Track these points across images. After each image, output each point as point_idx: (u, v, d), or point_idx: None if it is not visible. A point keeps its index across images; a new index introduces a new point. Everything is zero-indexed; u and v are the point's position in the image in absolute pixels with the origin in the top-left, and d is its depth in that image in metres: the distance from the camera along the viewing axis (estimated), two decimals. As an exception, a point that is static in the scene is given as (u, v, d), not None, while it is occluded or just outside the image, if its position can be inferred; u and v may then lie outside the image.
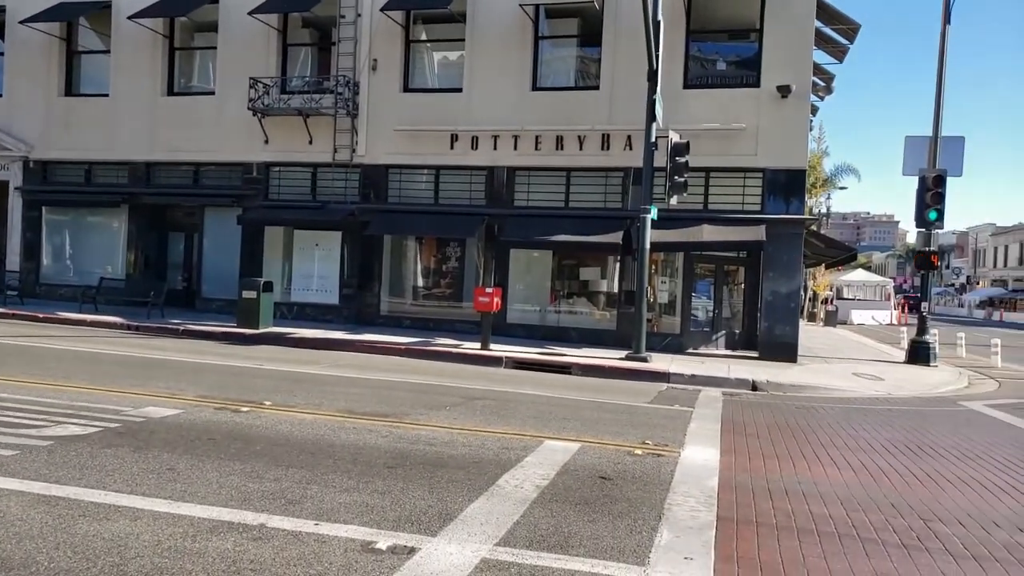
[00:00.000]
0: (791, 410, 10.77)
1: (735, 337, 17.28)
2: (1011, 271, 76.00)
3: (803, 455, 7.79)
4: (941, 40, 17.45)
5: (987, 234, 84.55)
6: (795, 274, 16.59)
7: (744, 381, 12.89)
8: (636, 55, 15.32)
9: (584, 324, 17.81)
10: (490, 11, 17.93)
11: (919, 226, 17.59)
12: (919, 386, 13.99)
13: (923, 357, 17.26)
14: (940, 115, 17.36)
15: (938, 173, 16.94)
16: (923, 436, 9.16)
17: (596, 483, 6.25)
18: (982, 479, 7.04)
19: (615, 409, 10.09)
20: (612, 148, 17.09)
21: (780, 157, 16.16)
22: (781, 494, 6.24)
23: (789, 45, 16.14)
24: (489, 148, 17.94)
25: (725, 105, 16.47)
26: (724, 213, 16.50)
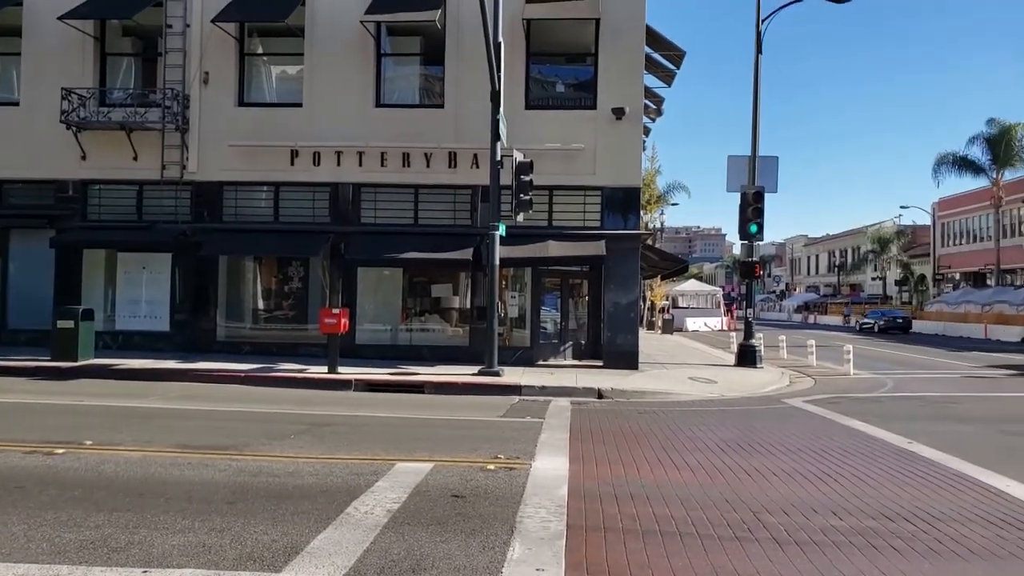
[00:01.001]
0: (634, 415, 11.25)
1: (581, 347, 17.87)
2: (822, 278, 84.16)
3: (646, 459, 8.14)
4: (755, 69, 19.09)
5: (801, 245, 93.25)
6: (634, 286, 17.43)
7: (591, 390, 13.32)
8: (479, 75, 15.56)
9: (437, 341, 17.74)
10: (330, 26, 17.58)
11: (742, 238, 19.07)
12: (748, 387, 15.07)
13: (750, 359, 18.64)
14: (757, 137, 18.96)
15: (757, 190, 18.44)
16: (752, 433, 9.85)
17: (449, 502, 6.19)
18: (802, 470, 7.66)
19: (468, 425, 10.09)
20: (459, 166, 17.22)
21: (617, 176, 16.96)
22: (627, 498, 6.47)
23: (622, 70, 17.01)
24: (333, 164, 17.51)
25: (565, 126, 17.08)
26: (568, 229, 17.06)
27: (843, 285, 75.59)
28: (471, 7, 15.20)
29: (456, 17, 17.22)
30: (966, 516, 6.05)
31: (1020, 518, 6.00)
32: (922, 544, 5.36)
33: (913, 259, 62.74)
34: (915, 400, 13.90)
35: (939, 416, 11.77)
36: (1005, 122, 43.10)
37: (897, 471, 7.66)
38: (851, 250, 75.85)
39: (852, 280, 74.65)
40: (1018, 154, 43.05)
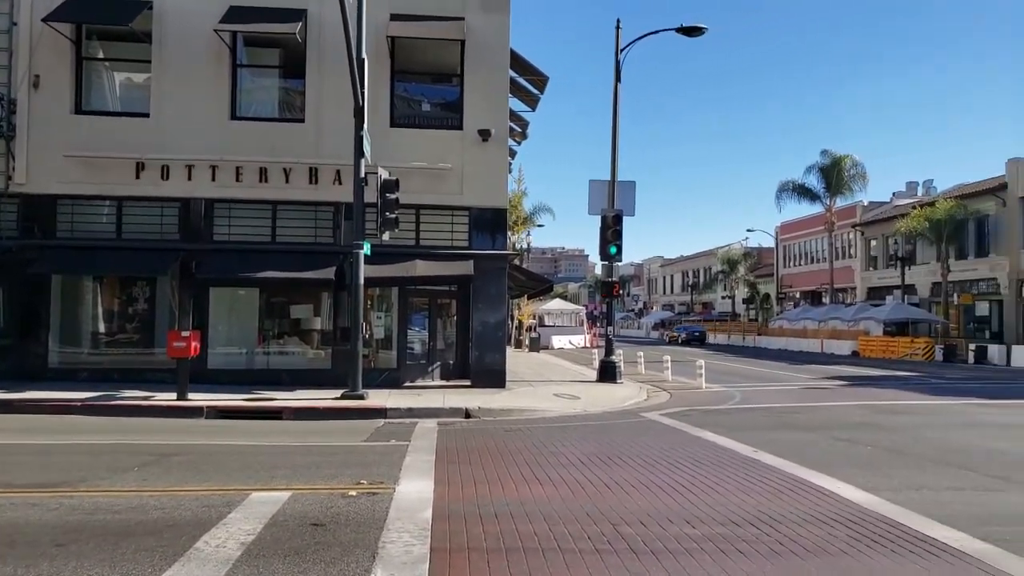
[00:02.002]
0: (501, 433, 11.31)
1: (450, 367, 17.81)
2: (676, 296, 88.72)
3: (511, 476, 8.18)
4: (614, 97, 19.94)
5: (658, 265, 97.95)
6: (501, 305, 17.62)
7: (458, 410, 13.28)
8: (342, 90, 15.27)
9: (297, 365, 17.10)
10: (181, 33, 16.70)
11: (603, 259, 19.78)
12: (609, 401, 15.56)
13: (611, 375, 19.29)
14: (616, 162, 19.77)
15: (616, 213, 19.20)
16: (612, 447, 10.15)
17: (308, 531, 5.94)
18: (658, 481, 7.96)
19: (330, 451, 9.76)
20: (321, 182, 16.79)
21: (484, 196, 17.13)
22: (491, 517, 6.46)
23: (488, 92, 17.26)
24: (183, 178, 16.58)
25: (432, 145, 17.09)
26: (435, 249, 17.01)
27: (696, 303, 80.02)
28: (333, 21, 14.94)
29: (318, 30, 16.86)
30: (803, 517, 6.49)
31: (849, 517, 6.51)
32: (765, 546, 5.69)
33: (759, 279, 67.40)
34: (760, 411, 14.85)
35: (781, 425, 12.63)
36: (836, 153, 47.38)
37: (744, 479, 8.12)
38: (703, 270, 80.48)
39: (704, 299, 79.18)
40: (848, 183, 47.35)
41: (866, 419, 13.41)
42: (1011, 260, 38.49)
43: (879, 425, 12.56)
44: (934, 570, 5.16)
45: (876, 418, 13.57)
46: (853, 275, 52.73)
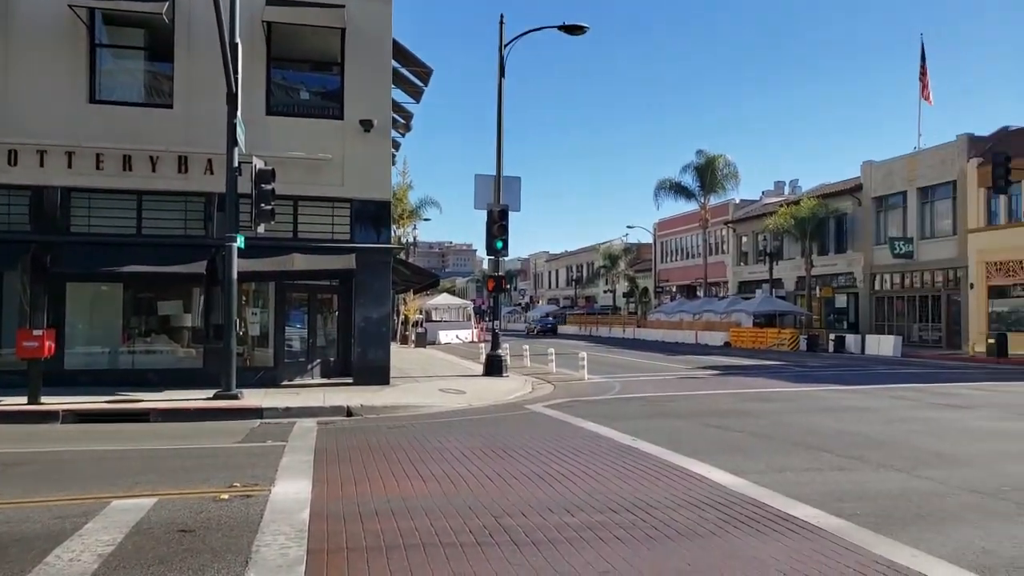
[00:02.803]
0: (384, 431, 11.12)
1: (331, 365, 17.34)
2: (561, 291, 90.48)
3: (393, 473, 8.05)
4: (499, 92, 20.01)
5: (543, 260, 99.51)
6: (385, 300, 17.32)
7: (339, 408, 12.95)
8: (214, 75, 14.50)
9: (166, 364, 16.15)
10: (31, 7, 15.36)
11: (489, 254, 19.84)
12: (494, 395, 15.63)
13: (497, 369, 19.40)
14: (501, 157, 19.85)
15: (502, 208, 19.30)
16: (496, 440, 10.19)
17: (175, 538, 5.62)
18: (540, 472, 8.05)
19: (200, 454, 9.28)
20: (191, 171, 15.90)
21: (366, 188, 16.77)
22: (372, 516, 6.33)
23: (370, 82, 16.88)
24: (34, 164, 15.27)
25: (311, 134, 16.54)
26: (315, 242, 16.49)
27: (580, 298, 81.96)
28: (204, 1, 14.16)
29: (187, 11, 15.93)
30: (677, 502, 6.73)
31: (719, 500, 6.81)
32: (641, 532, 5.86)
33: (638, 273, 69.77)
34: (639, 400, 15.35)
35: (658, 414, 13.09)
36: (710, 153, 49.71)
37: (622, 466, 8.35)
38: (586, 265, 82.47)
39: (587, 293, 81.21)
40: (721, 182, 49.79)
41: (736, 406, 14.12)
42: (866, 256, 41.67)
43: (748, 412, 13.25)
44: (793, 546, 5.47)
45: (745, 405, 14.32)
46: (726, 270, 55.52)
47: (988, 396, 16.04)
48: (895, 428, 11.20)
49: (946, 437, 10.36)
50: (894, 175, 40.18)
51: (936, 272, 37.47)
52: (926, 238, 38.08)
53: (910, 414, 12.95)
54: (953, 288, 36.40)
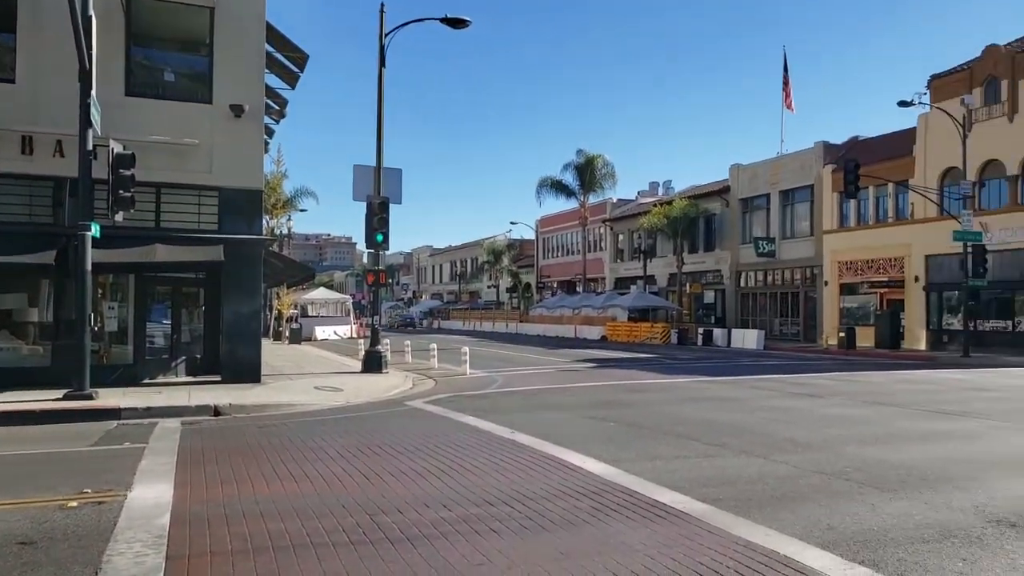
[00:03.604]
0: (254, 431, 10.66)
1: (197, 362, 16.46)
2: (445, 286, 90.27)
3: (263, 474, 7.72)
4: (379, 82, 19.62)
5: (427, 254, 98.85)
6: (256, 294, 16.62)
7: (206, 407, 12.31)
8: (64, 50, 13.34)
9: (8, 363, 14.79)
10: None
11: (369, 247, 19.45)
12: (373, 392, 15.35)
13: (376, 365, 19.06)
14: (381, 147, 19.48)
15: (382, 200, 18.95)
16: (374, 437, 9.99)
17: (13, 552, 5.15)
18: (418, 468, 7.96)
19: (47, 459, 8.57)
20: (38, 153, 14.62)
21: (236, 176, 16.00)
22: (239, 518, 6.04)
23: (241, 65, 16.12)
24: None
25: (176, 118, 15.60)
26: (180, 232, 15.58)
27: (464, 293, 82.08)
28: (55, -30, 13.05)
29: (34, -21, 14.64)
30: (553, 493, 6.83)
31: (593, 489, 6.97)
32: (516, 523, 5.90)
33: (521, 269, 70.67)
34: (519, 394, 15.51)
35: (537, 406, 13.28)
36: (590, 153, 51.02)
37: (500, 459, 8.39)
38: (470, 260, 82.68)
39: (472, 288, 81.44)
40: (599, 181, 51.21)
41: (611, 397, 14.55)
42: (732, 254, 44.03)
43: (622, 402, 13.68)
44: (661, 531, 5.68)
45: (620, 396, 14.78)
46: (603, 266, 57.18)
47: (838, 385, 17.32)
48: (756, 416, 11.88)
49: (800, 424, 11.08)
50: (758, 178, 42.69)
51: (795, 270, 40.14)
52: (787, 238, 40.71)
53: (769, 403, 13.78)
54: (810, 285, 39.11)
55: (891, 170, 32.86)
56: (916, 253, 32.81)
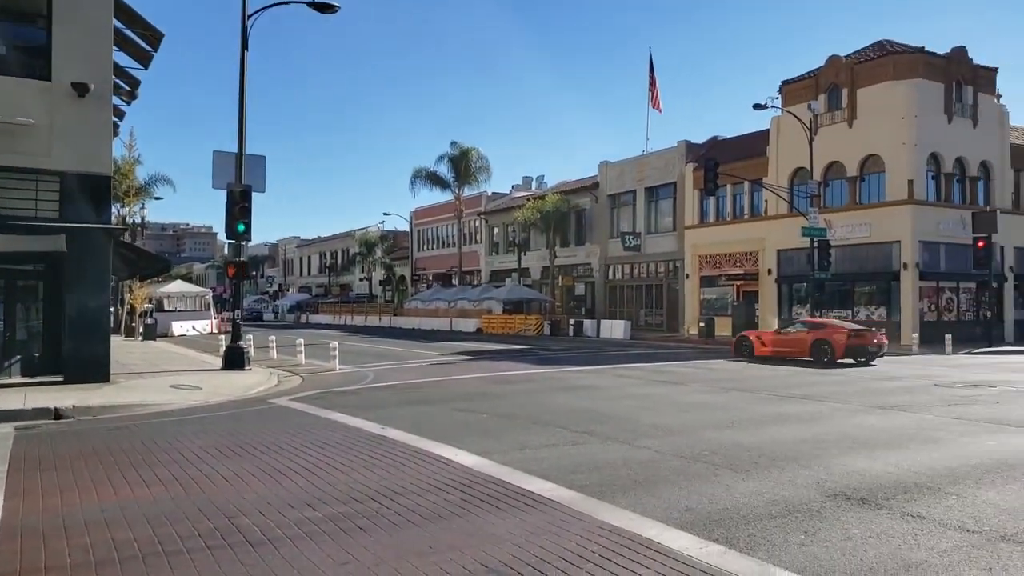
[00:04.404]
0: (102, 434, 9.89)
1: (36, 361, 15.06)
2: (314, 278, 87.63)
3: (111, 480, 7.17)
4: (241, 65, 18.67)
5: (294, 246, 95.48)
6: (104, 287, 15.42)
7: (45, 410, 11.29)
8: None
9: None
10: None
11: (230, 237, 18.49)
12: (235, 390, 14.64)
13: (238, 362, 18.17)
14: (244, 133, 18.56)
15: (244, 188, 18.05)
16: (235, 437, 9.52)
17: None
18: (282, 467, 7.66)
19: None
20: None
21: (81, 160, 14.75)
22: (80, 529, 5.57)
23: (85, 41, 14.84)
24: None
25: (9, 95, 14.16)
26: (14, 219, 14.16)
27: (334, 285, 79.98)
28: None
29: None
30: (423, 487, 6.76)
31: (463, 481, 6.95)
32: (385, 519, 5.79)
33: (395, 261, 69.69)
34: (391, 388, 15.29)
35: (409, 401, 13.13)
36: (465, 145, 50.95)
37: (370, 455, 8.22)
38: (341, 252, 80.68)
39: (343, 280, 79.51)
40: (474, 173, 51.26)
41: (483, 389, 14.62)
42: (601, 248, 45.41)
43: (494, 394, 13.78)
44: (529, 520, 5.74)
45: (492, 388, 14.88)
46: (479, 259, 57.44)
47: (697, 373, 18.25)
48: (621, 404, 12.30)
49: (662, 410, 11.58)
50: (626, 175, 44.26)
51: (660, 263, 41.95)
52: (652, 233, 42.47)
53: (634, 391, 14.31)
54: (673, 278, 41.01)
55: (747, 169, 34.96)
56: (769, 247, 35.11)
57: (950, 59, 31.65)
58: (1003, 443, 8.77)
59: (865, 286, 32.24)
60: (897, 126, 30.26)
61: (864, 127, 31.41)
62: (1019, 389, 14.51)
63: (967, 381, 16.00)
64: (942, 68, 31.31)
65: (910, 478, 7.01)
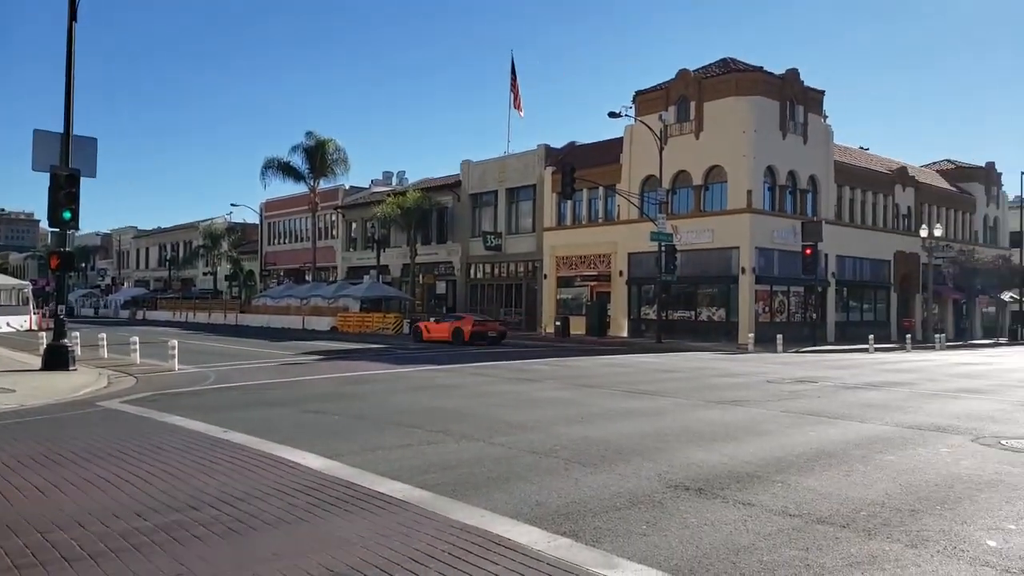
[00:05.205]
0: None
1: None
2: (153, 272, 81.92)
3: None
4: (69, 39, 17.05)
5: (130, 236, 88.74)
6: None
7: None
8: None
9: None
10: None
11: (53, 226, 16.84)
12: (56, 392, 13.35)
13: (61, 362, 16.57)
14: (71, 112, 16.94)
15: (71, 172, 16.49)
16: (55, 444, 8.65)
17: None
18: (110, 475, 7.04)
19: None
20: None
21: None
22: None
23: None
24: None
25: None
26: None
27: (175, 280, 75.11)
28: None
29: None
30: (267, 492, 6.43)
31: (310, 485, 6.68)
32: (223, 527, 5.45)
33: (243, 255, 66.45)
34: (236, 390, 14.51)
35: (255, 403, 12.51)
36: (321, 136, 49.28)
37: (209, 460, 7.73)
38: (184, 244, 75.95)
39: (185, 275, 74.84)
40: (331, 166, 49.72)
41: (337, 390, 14.21)
42: (463, 246, 45.54)
43: (348, 395, 13.42)
44: (380, 522, 5.60)
45: (346, 388, 14.49)
46: (335, 255, 55.96)
47: (552, 370, 18.69)
48: (477, 402, 12.34)
49: (517, 407, 11.73)
50: (487, 175, 44.66)
51: (520, 263, 42.68)
52: (512, 233, 43.11)
53: (491, 388, 14.42)
54: (532, 278, 41.85)
55: (602, 175, 36.27)
56: (621, 251, 36.61)
57: (785, 80, 34.35)
58: (822, 433, 9.57)
59: (708, 288, 34.34)
60: (738, 139, 32.46)
61: (709, 139, 33.45)
62: (836, 384, 15.94)
63: (794, 377, 17.39)
64: (778, 87, 33.93)
65: (742, 468, 7.47)
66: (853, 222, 38.39)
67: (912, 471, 7.43)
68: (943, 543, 5.24)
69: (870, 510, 6.02)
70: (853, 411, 11.63)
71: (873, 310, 39.98)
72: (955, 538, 5.36)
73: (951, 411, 11.77)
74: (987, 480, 7.10)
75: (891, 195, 41.13)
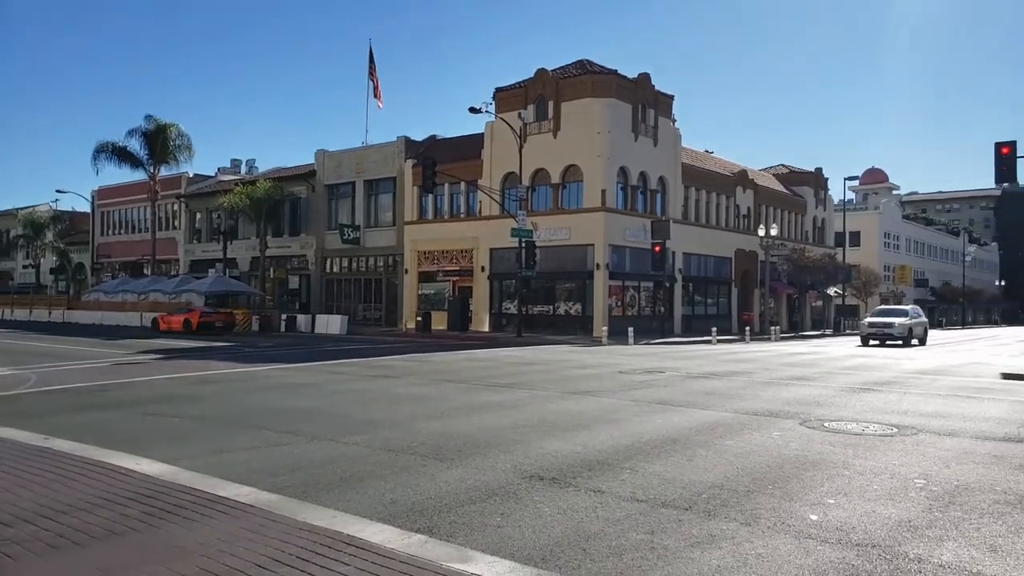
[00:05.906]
0: None
1: None
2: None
3: None
4: None
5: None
6: None
7: None
8: None
9: None
10: None
11: None
12: None
13: None
14: None
15: None
16: None
17: None
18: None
19: None
20: None
21: None
22: None
23: None
24: None
25: None
26: None
27: (-8, 273, 68.03)
28: None
29: None
30: (94, 502, 5.89)
31: (146, 492, 6.19)
32: (42, 543, 4.93)
33: (72, 247, 61.10)
34: (62, 392, 13.28)
35: (84, 406, 11.49)
36: (162, 120, 46.06)
37: (27, 470, 6.99)
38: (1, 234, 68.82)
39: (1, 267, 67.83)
40: (173, 152, 46.58)
41: (178, 391, 13.34)
42: (318, 239, 44.15)
43: (190, 396, 12.63)
44: (222, 528, 5.27)
45: (188, 389, 13.64)
46: (177, 247, 52.67)
47: (412, 366, 18.50)
48: (331, 400, 11.99)
49: (375, 405, 11.49)
50: (344, 166, 43.55)
51: (379, 257, 41.96)
52: (371, 227, 42.30)
53: (347, 386, 14.06)
54: (392, 272, 41.27)
55: (464, 170, 36.36)
56: (483, 246, 36.87)
57: (637, 83, 35.88)
58: (668, 420, 10.05)
59: (565, 284, 35.32)
60: (593, 140, 33.56)
61: (566, 138, 34.37)
62: (683, 374, 16.84)
63: (644, 368, 18.21)
64: (631, 90, 35.38)
65: (594, 456, 7.70)
66: (698, 221, 40.78)
67: (748, 454, 7.94)
68: (773, 519, 5.63)
69: (710, 492, 6.37)
70: (697, 399, 12.31)
71: (716, 304, 42.71)
72: (783, 514, 5.77)
73: (783, 397, 12.74)
74: (812, 460, 7.71)
75: (733, 196, 44.06)
